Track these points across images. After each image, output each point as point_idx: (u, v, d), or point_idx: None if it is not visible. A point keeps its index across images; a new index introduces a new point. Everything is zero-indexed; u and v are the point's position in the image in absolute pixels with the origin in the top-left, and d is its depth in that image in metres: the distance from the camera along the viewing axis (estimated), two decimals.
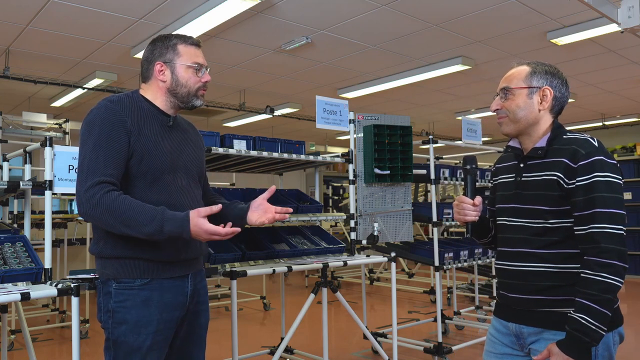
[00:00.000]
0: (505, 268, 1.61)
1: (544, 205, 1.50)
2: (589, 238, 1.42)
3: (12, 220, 4.32)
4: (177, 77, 1.74)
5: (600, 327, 1.37)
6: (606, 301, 1.38)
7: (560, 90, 1.58)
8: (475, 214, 1.63)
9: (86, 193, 1.55)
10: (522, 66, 1.60)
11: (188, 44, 1.77)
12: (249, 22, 4.55)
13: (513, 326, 1.58)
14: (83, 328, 4.89)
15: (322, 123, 3.40)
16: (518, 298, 1.56)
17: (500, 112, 1.61)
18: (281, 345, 3.15)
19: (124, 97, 1.71)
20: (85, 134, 1.63)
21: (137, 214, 1.53)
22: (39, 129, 5.88)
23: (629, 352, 4.21)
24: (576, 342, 1.38)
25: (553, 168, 1.50)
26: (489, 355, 1.68)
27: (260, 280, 6.95)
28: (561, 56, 5.62)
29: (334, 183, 10.17)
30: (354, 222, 3.53)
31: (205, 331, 1.86)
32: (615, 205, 1.42)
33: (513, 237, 1.59)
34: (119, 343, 1.62)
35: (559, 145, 1.52)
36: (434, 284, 6.38)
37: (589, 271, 1.40)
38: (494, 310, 1.71)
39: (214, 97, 7.28)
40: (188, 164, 1.79)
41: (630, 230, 8.27)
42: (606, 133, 9.97)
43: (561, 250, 1.49)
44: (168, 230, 1.54)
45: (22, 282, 2.21)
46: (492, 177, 1.78)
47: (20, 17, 4.33)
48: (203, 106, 1.84)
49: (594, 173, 1.43)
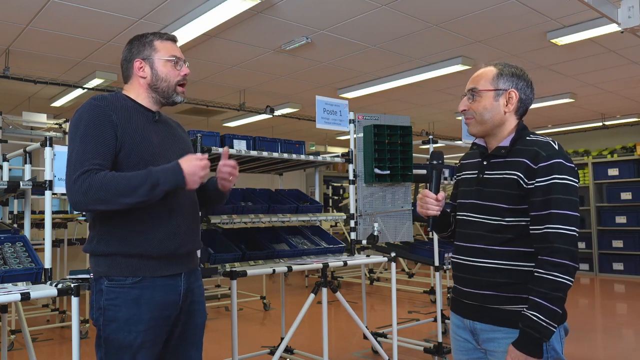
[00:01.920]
0: (461, 262, 1.66)
1: (502, 203, 1.55)
2: (544, 238, 1.47)
3: (12, 220, 4.32)
4: (157, 72, 1.77)
5: (550, 324, 1.42)
6: (557, 299, 1.43)
7: (525, 93, 1.62)
8: (437, 209, 1.68)
9: (75, 183, 1.56)
10: (489, 67, 1.65)
11: (164, 39, 1.81)
12: (249, 22, 4.55)
13: (468, 322, 1.64)
14: (83, 328, 4.89)
15: (322, 123, 3.40)
16: (472, 292, 1.61)
17: (467, 113, 1.65)
18: (281, 345, 3.16)
19: (108, 95, 1.74)
20: (73, 132, 1.65)
21: (129, 180, 1.56)
22: (39, 129, 5.87)
23: (629, 352, 4.22)
24: (529, 338, 1.43)
25: (514, 167, 1.54)
26: (456, 354, 1.72)
27: (260, 280, 6.95)
28: (561, 56, 5.62)
29: (334, 183, 10.16)
30: (354, 222, 3.53)
31: (202, 331, 1.86)
32: (570, 208, 1.46)
33: (470, 232, 1.64)
34: (109, 340, 1.63)
35: (522, 146, 1.56)
36: (434, 284, 6.37)
37: (541, 270, 1.45)
38: (451, 305, 1.75)
39: (214, 97, 7.28)
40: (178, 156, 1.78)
41: (631, 230, 8.28)
42: (606, 133, 9.97)
43: (515, 248, 1.54)
44: (164, 181, 1.57)
45: (22, 282, 2.21)
46: (456, 172, 1.84)
47: (20, 17, 4.33)
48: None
49: (552, 175, 1.47)
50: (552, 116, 8.96)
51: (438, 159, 1.72)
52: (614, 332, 4.90)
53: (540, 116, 8.88)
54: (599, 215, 8.66)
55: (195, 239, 1.83)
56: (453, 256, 1.73)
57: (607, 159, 8.58)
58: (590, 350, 4.28)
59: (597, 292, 7.35)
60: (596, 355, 4.17)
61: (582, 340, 4.57)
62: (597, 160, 8.68)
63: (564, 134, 10.49)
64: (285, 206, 3.34)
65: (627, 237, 8.30)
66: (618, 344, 4.47)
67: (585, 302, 6.59)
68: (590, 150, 9.18)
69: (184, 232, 1.74)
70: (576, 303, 6.40)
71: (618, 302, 6.55)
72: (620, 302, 6.61)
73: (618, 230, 8.40)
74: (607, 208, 8.60)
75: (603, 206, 8.65)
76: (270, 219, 3.21)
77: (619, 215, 8.39)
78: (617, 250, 8.38)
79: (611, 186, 8.56)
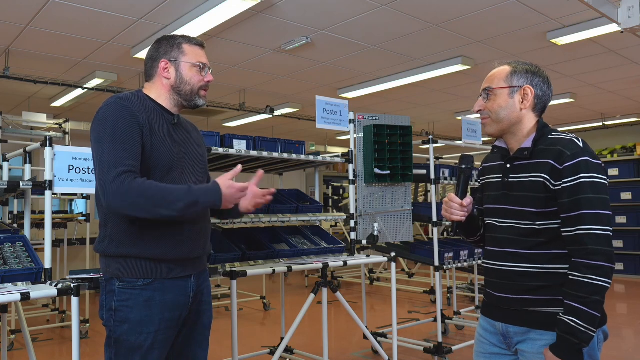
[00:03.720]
0: (493, 267, 1.62)
1: (530, 207, 1.51)
2: (576, 240, 1.43)
3: (12, 220, 4.32)
4: (181, 75, 1.77)
5: (589, 329, 1.37)
6: (594, 303, 1.38)
7: (542, 89, 1.58)
8: (461, 214, 1.64)
9: (113, 183, 1.53)
10: (503, 66, 1.62)
11: (193, 44, 1.81)
12: (249, 22, 4.55)
13: (500, 325, 1.60)
14: (83, 328, 4.89)
15: (322, 123, 3.40)
16: (504, 297, 1.57)
17: (483, 113, 1.63)
18: (281, 345, 3.16)
19: (130, 95, 1.73)
20: (100, 130, 1.62)
21: (169, 191, 1.56)
22: (39, 129, 5.88)
23: (629, 352, 4.22)
24: (567, 344, 1.39)
25: (539, 169, 1.50)
26: (478, 356, 1.69)
27: (260, 280, 6.95)
28: (561, 56, 5.62)
29: (334, 183, 10.16)
30: (354, 222, 3.53)
31: (209, 331, 1.87)
32: (601, 206, 1.42)
33: (501, 237, 1.60)
34: (120, 341, 1.63)
35: (545, 145, 1.52)
36: (434, 284, 6.38)
37: (577, 273, 1.41)
38: (482, 309, 1.72)
39: (214, 97, 7.29)
40: (194, 161, 1.81)
41: (631, 230, 8.28)
42: (606, 133, 9.97)
43: (548, 251, 1.50)
44: (203, 201, 1.59)
45: (22, 282, 2.21)
46: (479, 176, 1.79)
47: (20, 17, 4.33)
48: (204, 106, 1.85)
49: (579, 174, 1.43)
50: (552, 116, 8.96)
51: (467, 163, 1.67)
52: (614, 332, 4.89)
53: None
54: None
55: (206, 244, 1.84)
56: (484, 261, 1.68)
57: (607, 159, 8.57)
58: None
59: None
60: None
61: None
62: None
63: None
64: (285, 206, 3.34)
65: (627, 237, 8.30)
66: (618, 344, 4.48)
67: None
68: None
69: (196, 237, 1.75)
70: None
71: (618, 302, 6.55)
72: (620, 302, 6.61)
73: (618, 230, 8.39)
74: None
75: None
76: (270, 219, 3.21)
77: (619, 215, 8.38)
78: (617, 250, 8.35)
79: (611, 186, 8.52)
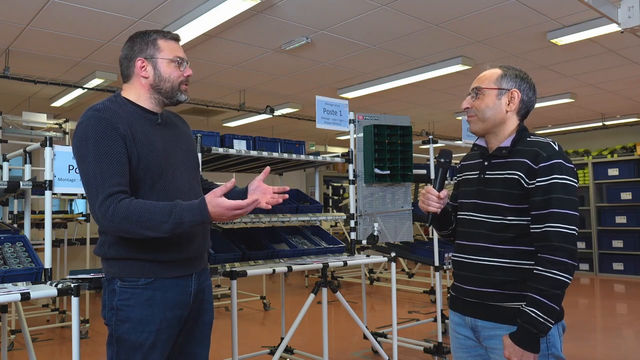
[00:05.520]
0: (463, 260, 1.69)
1: (504, 202, 1.58)
2: (544, 236, 1.50)
3: (12, 220, 4.31)
4: (160, 73, 1.71)
5: (548, 320, 1.45)
6: (555, 296, 1.46)
7: (527, 95, 1.67)
8: (437, 206, 1.73)
9: (100, 209, 1.54)
10: (494, 69, 1.71)
11: (168, 38, 1.75)
12: (249, 22, 4.55)
13: (469, 320, 1.66)
14: (83, 328, 4.89)
15: (322, 123, 3.40)
16: (473, 290, 1.64)
17: (470, 111, 1.70)
18: (281, 345, 3.15)
19: (108, 103, 1.67)
20: (82, 148, 1.59)
21: (153, 214, 1.52)
22: (39, 129, 5.87)
23: (629, 352, 4.22)
24: (527, 334, 1.47)
25: (515, 167, 1.58)
26: (456, 351, 1.74)
27: (260, 280, 6.95)
28: (561, 56, 5.62)
29: (334, 183, 10.14)
30: (354, 222, 3.53)
31: (210, 330, 1.87)
32: (570, 207, 1.50)
33: (472, 231, 1.67)
34: (122, 340, 1.64)
35: (523, 146, 1.60)
36: (434, 284, 6.37)
37: (541, 268, 1.48)
38: (450, 303, 1.78)
39: (214, 97, 7.28)
40: (184, 158, 1.78)
41: (631, 230, 8.28)
42: (606, 133, 9.97)
43: (516, 246, 1.57)
44: (189, 221, 1.53)
45: (22, 282, 2.21)
46: (456, 173, 1.87)
47: (20, 17, 4.33)
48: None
49: (553, 175, 1.51)
50: (552, 116, 8.96)
51: (446, 157, 1.76)
52: (614, 332, 4.90)
53: (540, 116, 8.87)
54: (599, 215, 8.66)
55: (206, 242, 1.83)
56: (454, 255, 1.75)
57: (607, 159, 8.58)
58: (590, 350, 4.28)
59: (597, 292, 7.35)
60: (596, 355, 4.17)
61: (582, 340, 4.57)
62: (597, 160, 8.67)
63: (564, 134, 10.48)
64: (285, 206, 3.34)
65: (627, 237, 8.30)
66: (618, 344, 4.48)
67: (585, 302, 6.59)
68: (590, 150, 9.18)
69: (196, 236, 1.74)
70: (576, 303, 6.40)
71: (618, 302, 6.55)
72: (620, 302, 6.61)
73: (618, 230, 8.40)
74: (607, 208, 8.60)
75: (603, 206, 8.64)
76: (270, 219, 3.21)
77: (619, 215, 8.39)
78: (617, 250, 8.38)
79: (611, 186, 8.56)
